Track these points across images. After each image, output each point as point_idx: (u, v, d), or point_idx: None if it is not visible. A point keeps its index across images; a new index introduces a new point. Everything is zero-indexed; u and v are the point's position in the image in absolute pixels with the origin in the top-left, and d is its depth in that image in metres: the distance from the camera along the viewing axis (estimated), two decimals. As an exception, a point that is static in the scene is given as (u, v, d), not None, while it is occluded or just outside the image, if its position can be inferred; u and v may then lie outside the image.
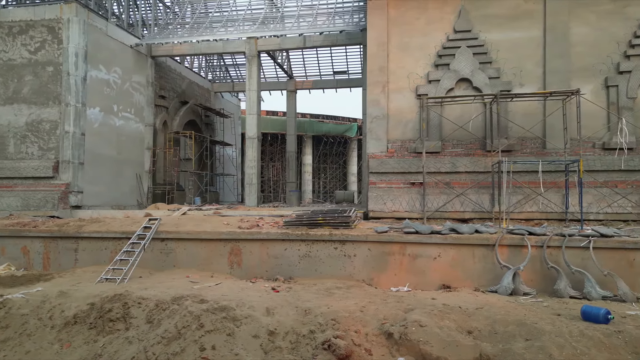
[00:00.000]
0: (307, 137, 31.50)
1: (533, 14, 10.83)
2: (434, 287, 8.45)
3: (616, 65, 10.38)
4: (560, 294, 7.71)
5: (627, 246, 7.88)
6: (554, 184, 10.37)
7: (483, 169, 10.65)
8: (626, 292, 7.40)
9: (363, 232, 8.94)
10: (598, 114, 10.35)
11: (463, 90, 11.13)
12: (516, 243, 8.27)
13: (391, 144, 11.43)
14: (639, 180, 9.96)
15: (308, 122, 31.21)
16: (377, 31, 11.55)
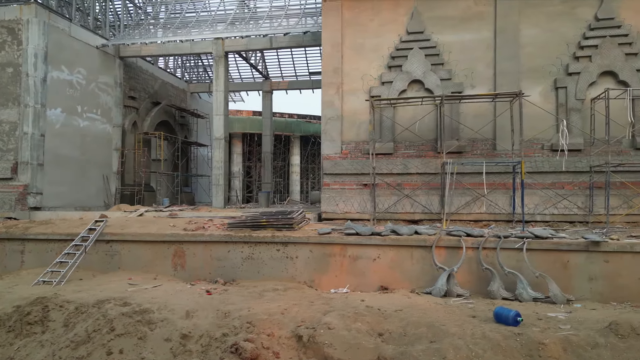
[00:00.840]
0: (295, 137, 31.38)
1: (484, 15, 10.85)
2: (373, 288, 8.45)
3: (565, 66, 10.42)
4: (493, 296, 7.73)
5: (561, 248, 7.91)
6: (502, 185, 10.40)
7: (434, 171, 10.67)
8: (557, 293, 7.43)
9: (305, 233, 8.94)
10: (547, 116, 10.38)
11: (415, 92, 11.14)
12: (453, 244, 8.28)
13: (345, 146, 11.43)
14: (585, 182, 10.00)
15: (295, 123, 31.15)
16: (331, 32, 11.55)
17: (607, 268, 7.71)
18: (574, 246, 7.84)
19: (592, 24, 10.29)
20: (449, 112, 10.90)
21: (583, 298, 7.73)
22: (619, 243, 7.74)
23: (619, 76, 10.09)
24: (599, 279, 7.73)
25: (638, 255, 7.63)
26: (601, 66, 10.16)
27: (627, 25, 10.17)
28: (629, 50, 10.07)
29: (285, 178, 32.59)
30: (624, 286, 7.64)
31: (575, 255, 7.83)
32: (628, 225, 9.63)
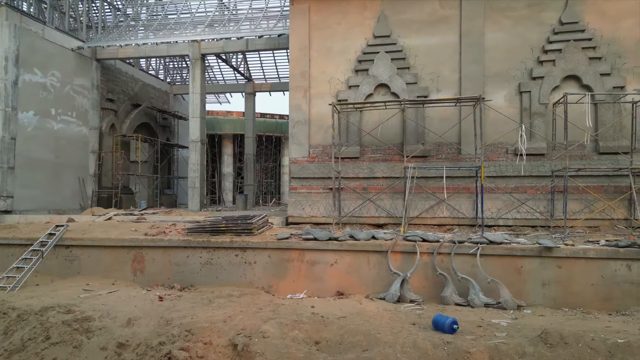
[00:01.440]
0: (286, 138, 31.24)
1: (449, 19, 10.84)
2: (330, 293, 8.44)
3: (530, 71, 10.41)
4: (446, 301, 7.72)
5: (515, 253, 7.91)
6: (466, 189, 10.39)
7: (399, 175, 10.65)
8: (507, 299, 7.43)
9: (264, 238, 8.91)
10: (511, 120, 10.38)
11: (382, 96, 11.13)
12: (409, 250, 8.27)
13: (313, 149, 11.41)
14: (548, 186, 10.00)
15: (286, 124, 31.00)
16: (299, 36, 11.53)
17: (560, 274, 7.72)
18: (528, 252, 7.85)
19: (557, 28, 10.30)
20: (415, 116, 10.89)
21: (536, 304, 7.75)
22: (571, 249, 7.74)
23: (583, 80, 10.10)
24: (552, 284, 7.74)
25: (591, 261, 7.64)
26: (565, 70, 10.17)
27: (591, 30, 10.17)
28: (593, 55, 10.08)
29: (277, 179, 32.54)
30: (577, 292, 7.65)
31: (529, 260, 7.84)
32: (589, 229, 9.64)
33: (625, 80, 9.99)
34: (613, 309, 7.47)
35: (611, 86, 9.98)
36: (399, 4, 11.10)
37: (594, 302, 7.57)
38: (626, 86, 9.99)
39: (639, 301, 7.42)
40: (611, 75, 10.01)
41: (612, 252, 7.56)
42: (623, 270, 7.51)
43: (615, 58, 10.06)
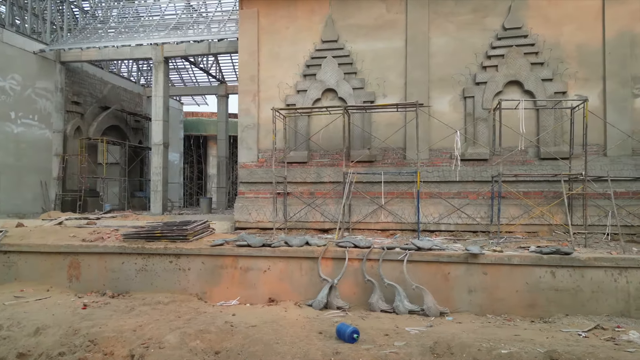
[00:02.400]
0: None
1: (396, 24, 10.85)
2: (263, 300, 8.41)
3: (473, 76, 10.43)
4: (372, 308, 7.72)
5: (442, 260, 7.91)
6: (410, 194, 10.40)
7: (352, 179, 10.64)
8: (430, 306, 7.43)
9: (198, 245, 8.89)
10: (456, 125, 10.39)
11: (330, 101, 11.13)
12: (340, 256, 8.25)
13: (262, 154, 11.39)
14: (489, 192, 10.02)
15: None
16: (248, 40, 11.51)
17: (485, 280, 7.73)
18: (454, 258, 7.85)
19: (500, 33, 10.32)
20: (361, 121, 10.90)
21: (462, 310, 7.76)
22: (496, 255, 7.75)
23: (525, 86, 10.12)
24: (478, 291, 7.75)
25: (515, 268, 7.65)
26: (507, 76, 10.19)
27: (534, 35, 10.20)
28: (535, 60, 10.10)
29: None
30: (502, 298, 7.66)
31: (456, 267, 7.84)
32: (527, 234, 9.66)
33: (567, 86, 10.03)
34: (537, 315, 7.49)
35: (553, 91, 10.02)
36: (347, 9, 11.10)
37: (519, 309, 7.59)
38: (568, 91, 10.03)
39: (562, 308, 7.44)
40: (553, 81, 10.05)
41: (535, 259, 7.58)
42: (547, 277, 7.52)
43: (557, 63, 10.09)
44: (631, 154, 9.63)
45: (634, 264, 7.30)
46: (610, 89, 9.78)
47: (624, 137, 9.61)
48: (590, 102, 9.93)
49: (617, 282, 7.32)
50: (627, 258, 7.34)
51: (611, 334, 6.44)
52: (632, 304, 7.24)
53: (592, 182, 9.37)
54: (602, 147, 9.81)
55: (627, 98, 9.72)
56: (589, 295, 7.38)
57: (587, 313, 7.35)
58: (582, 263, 7.42)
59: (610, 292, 7.31)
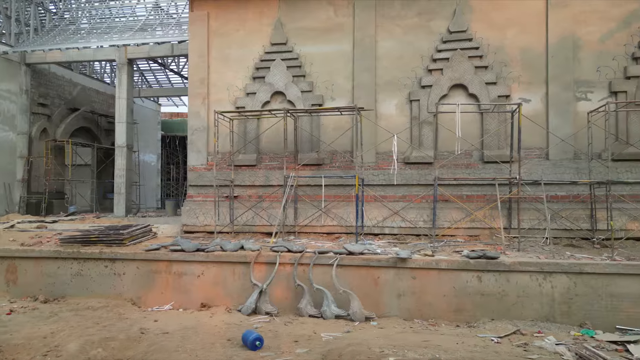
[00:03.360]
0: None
1: (343, 27, 10.82)
2: (196, 305, 8.37)
3: (419, 79, 10.41)
4: (301, 313, 7.70)
5: (372, 264, 7.89)
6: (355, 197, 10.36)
7: (292, 183, 10.60)
8: (356, 311, 7.41)
9: (133, 249, 8.84)
10: (403, 129, 10.38)
11: (279, 104, 11.09)
12: (272, 260, 8.22)
13: (211, 157, 11.34)
14: (432, 195, 9.98)
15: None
16: (198, 42, 11.46)
17: (414, 284, 7.72)
18: (384, 262, 7.84)
19: (445, 36, 10.31)
20: (309, 124, 10.88)
21: (391, 314, 7.75)
22: (425, 259, 7.74)
23: (469, 89, 10.12)
24: (407, 295, 7.74)
25: (443, 272, 7.65)
26: (452, 79, 10.18)
27: (479, 39, 10.19)
28: (479, 63, 10.09)
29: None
30: (430, 303, 7.65)
31: (385, 271, 7.83)
32: (469, 238, 9.66)
33: (511, 89, 10.03)
34: (464, 320, 7.49)
35: (496, 95, 10.01)
36: (296, 12, 11.07)
37: (447, 313, 7.59)
38: (511, 95, 10.02)
39: (488, 312, 7.44)
40: (497, 84, 10.04)
41: (462, 264, 7.57)
42: (474, 281, 7.52)
43: (501, 67, 10.09)
44: (573, 157, 9.64)
45: (559, 269, 7.30)
46: (553, 93, 9.79)
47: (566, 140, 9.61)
48: (534, 106, 9.96)
49: (542, 287, 7.32)
50: (551, 263, 7.34)
51: (527, 340, 6.45)
52: (556, 309, 7.24)
53: (525, 186, 9.37)
54: (544, 151, 9.81)
55: (569, 102, 9.72)
56: (514, 300, 7.38)
57: (513, 318, 7.35)
58: (508, 267, 7.42)
59: (535, 297, 7.31)
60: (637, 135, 9.40)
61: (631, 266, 7.10)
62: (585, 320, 7.09)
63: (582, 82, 9.73)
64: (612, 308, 7.07)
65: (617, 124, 9.55)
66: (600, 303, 7.11)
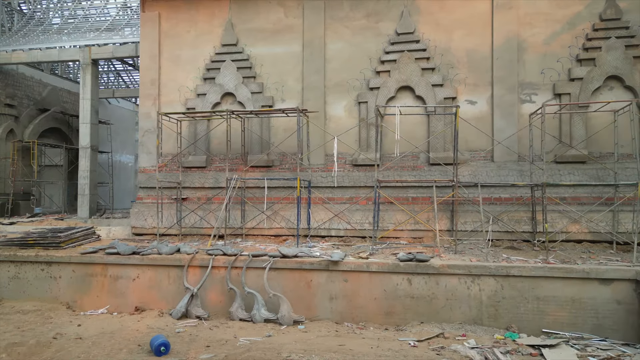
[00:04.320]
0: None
1: (294, 28, 10.78)
2: (131, 308, 8.30)
3: (368, 81, 10.38)
4: (232, 317, 7.65)
5: (305, 267, 7.85)
6: (304, 199, 10.32)
7: (242, 185, 10.56)
8: (284, 314, 7.37)
9: (69, 253, 8.75)
10: (352, 131, 10.35)
11: (229, 105, 11.03)
12: (207, 264, 8.16)
13: (162, 159, 11.26)
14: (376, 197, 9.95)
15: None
16: (149, 43, 11.38)
17: (346, 287, 7.68)
18: (316, 265, 7.79)
19: (393, 38, 10.28)
20: (259, 125, 10.83)
21: (323, 318, 7.71)
22: (356, 262, 7.70)
23: (416, 91, 10.10)
24: (339, 298, 7.70)
25: (374, 275, 7.61)
26: (399, 81, 10.15)
27: (426, 40, 10.18)
28: (426, 65, 10.07)
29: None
30: (362, 306, 7.61)
31: (318, 274, 7.79)
32: (413, 240, 9.64)
33: (457, 91, 10.01)
34: (394, 323, 7.45)
35: (443, 97, 10.00)
36: (246, 13, 11.01)
37: (377, 316, 7.55)
38: (458, 97, 10.01)
39: (418, 315, 7.41)
40: (443, 86, 10.03)
41: (393, 266, 7.54)
42: (404, 284, 7.49)
43: (448, 69, 10.08)
44: (517, 159, 9.63)
45: (486, 272, 7.28)
46: (498, 95, 9.78)
47: (510, 142, 9.61)
48: (480, 108, 9.95)
49: (470, 290, 7.30)
50: (479, 266, 7.32)
51: (447, 343, 6.42)
52: (484, 312, 7.22)
53: (463, 188, 9.35)
54: (490, 153, 9.81)
55: (514, 104, 9.72)
56: (443, 303, 7.36)
57: (442, 321, 7.33)
58: (437, 270, 7.40)
59: (464, 300, 7.29)
60: (580, 138, 9.40)
61: (557, 269, 7.08)
62: (512, 323, 7.07)
63: (526, 84, 9.73)
64: (538, 311, 7.06)
65: (561, 126, 9.56)
66: (526, 306, 7.10)
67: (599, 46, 9.36)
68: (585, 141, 9.37)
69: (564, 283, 7.00)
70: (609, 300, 6.85)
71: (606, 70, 9.28)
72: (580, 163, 9.34)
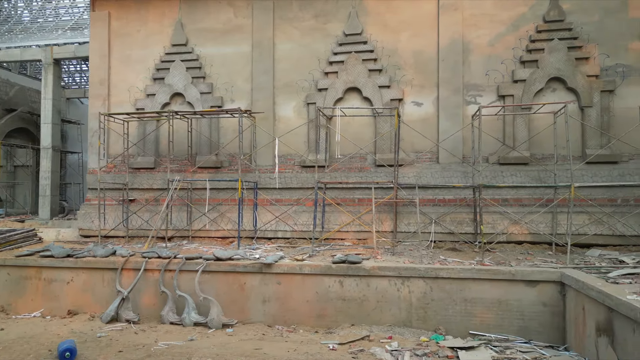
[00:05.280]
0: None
1: (243, 29, 10.71)
2: (65, 312, 8.17)
3: (316, 82, 10.34)
4: (163, 320, 7.57)
5: (238, 270, 7.78)
6: (251, 201, 10.25)
7: (188, 186, 10.47)
8: (214, 318, 7.30)
9: (3, 255, 8.61)
10: (301, 132, 10.31)
11: (179, 105, 10.94)
12: (140, 267, 8.07)
13: (112, 159, 11.14)
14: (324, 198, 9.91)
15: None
16: (99, 43, 11.26)
17: (279, 290, 7.63)
18: (250, 268, 7.73)
19: (341, 39, 10.25)
20: (208, 126, 10.75)
21: (256, 321, 7.65)
22: (289, 265, 7.65)
23: (363, 92, 10.07)
24: (272, 301, 7.64)
25: (307, 277, 7.56)
26: (347, 82, 10.12)
27: (374, 42, 10.16)
28: (373, 67, 10.05)
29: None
30: (294, 309, 7.56)
31: (251, 277, 7.73)
32: (358, 241, 9.61)
33: (404, 93, 10.00)
34: (326, 325, 7.41)
35: (389, 98, 9.99)
36: (196, 13, 10.92)
37: (310, 319, 7.50)
38: (404, 98, 10.00)
39: (349, 318, 7.37)
40: (390, 88, 10.01)
41: (325, 268, 7.49)
42: (336, 286, 7.45)
43: (395, 70, 10.06)
44: (461, 161, 9.64)
45: (416, 274, 7.26)
46: (444, 96, 9.79)
47: (455, 144, 9.62)
48: (426, 109, 9.95)
49: (400, 292, 7.27)
50: (409, 268, 7.30)
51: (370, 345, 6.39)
52: (413, 314, 7.20)
53: (402, 190, 9.35)
54: (435, 155, 9.81)
55: (459, 105, 9.73)
56: (374, 305, 7.33)
57: (372, 323, 7.30)
58: (368, 272, 7.36)
59: (394, 302, 7.26)
60: (523, 139, 9.42)
61: (484, 271, 7.08)
62: (440, 325, 7.06)
63: (471, 86, 9.74)
64: (466, 313, 7.05)
65: (505, 128, 9.58)
66: (455, 308, 7.09)
67: (542, 48, 9.39)
68: (527, 142, 9.40)
69: (492, 285, 6.99)
70: (535, 302, 6.85)
71: (548, 71, 9.31)
72: (522, 165, 9.37)
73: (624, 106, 9.07)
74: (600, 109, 9.13)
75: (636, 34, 9.15)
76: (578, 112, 9.27)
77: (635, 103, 8.78)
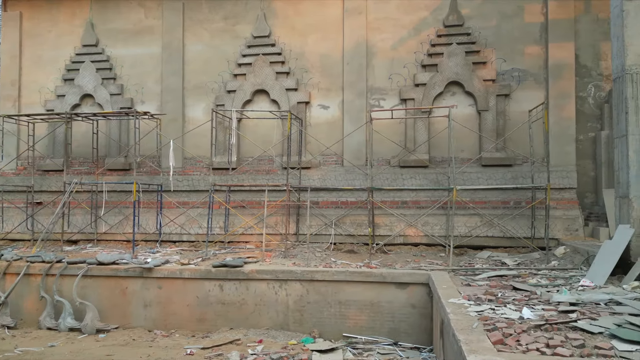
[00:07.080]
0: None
1: (154, 29, 10.63)
2: (-52, 318, 8.02)
3: (225, 84, 10.32)
4: (40, 325, 7.49)
5: (120, 274, 7.71)
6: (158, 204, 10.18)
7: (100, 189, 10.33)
8: (87, 323, 7.23)
9: None
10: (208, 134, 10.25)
11: (90, 107, 10.81)
12: (24, 271, 7.95)
13: (22, 162, 10.95)
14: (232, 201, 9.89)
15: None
16: (10, 43, 11.07)
17: (160, 294, 7.59)
18: (131, 272, 7.67)
19: (250, 41, 10.23)
20: (118, 128, 10.64)
21: (137, 325, 7.59)
22: (169, 269, 7.61)
23: (271, 95, 10.07)
24: (153, 305, 7.59)
25: (188, 281, 7.53)
26: (254, 85, 10.11)
27: (281, 44, 10.17)
28: (281, 69, 10.06)
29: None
30: (175, 313, 7.53)
31: (133, 281, 7.67)
32: (261, 244, 9.59)
33: (310, 96, 10.04)
34: (206, 329, 7.39)
35: (296, 101, 10.01)
36: (107, 13, 10.81)
37: (190, 323, 7.47)
38: (311, 101, 10.04)
39: (228, 322, 7.36)
40: (297, 90, 10.03)
41: (205, 272, 7.48)
42: (216, 290, 7.44)
43: (302, 73, 10.09)
44: (364, 163, 9.71)
45: (293, 277, 7.28)
46: (348, 100, 9.85)
47: (358, 147, 9.69)
48: (332, 113, 10.01)
49: (278, 295, 7.29)
50: (286, 271, 7.33)
51: (232, 349, 6.38)
52: (290, 317, 7.23)
53: (294, 192, 9.39)
54: (341, 157, 9.86)
55: (363, 108, 9.79)
56: (252, 308, 7.33)
57: (250, 326, 7.30)
58: (246, 276, 7.37)
59: (272, 305, 7.28)
60: (423, 142, 9.54)
61: (357, 273, 7.14)
62: (315, 327, 7.10)
63: (375, 89, 9.82)
64: (340, 315, 7.10)
65: (406, 131, 9.68)
66: (329, 310, 7.13)
67: (441, 52, 9.51)
68: (427, 145, 9.51)
69: (365, 287, 7.06)
70: (405, 304, 6.93)
71: (447, 76, 9.44)
72: (422, 167, 9.48)
73: (519, 110, 9.24)
74: (496, 113, 9.29)
75: (532, 38, 9.33)
76: (476, 115, 9.41)
77: (530, 107, 8.95)
